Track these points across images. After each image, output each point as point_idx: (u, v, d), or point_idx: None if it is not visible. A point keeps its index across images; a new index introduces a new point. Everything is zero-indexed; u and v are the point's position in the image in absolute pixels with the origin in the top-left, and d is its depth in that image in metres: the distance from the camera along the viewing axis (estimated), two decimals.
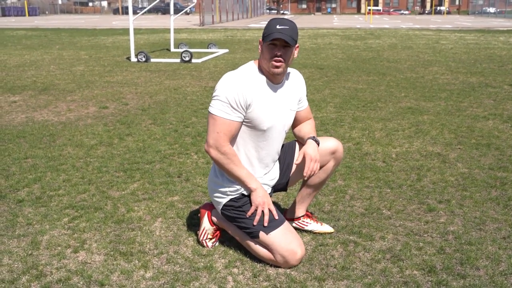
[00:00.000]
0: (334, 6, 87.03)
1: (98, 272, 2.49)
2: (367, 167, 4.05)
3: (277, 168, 2.78)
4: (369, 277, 2.44)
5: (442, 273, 2.47)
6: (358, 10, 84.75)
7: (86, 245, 2.76)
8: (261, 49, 2.49)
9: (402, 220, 3.07)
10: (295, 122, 2.77)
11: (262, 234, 2.50)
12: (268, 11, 73.79)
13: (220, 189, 2.60)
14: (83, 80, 8.61)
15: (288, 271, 2.49)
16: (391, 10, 74.26)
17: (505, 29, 25.14)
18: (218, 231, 2.76)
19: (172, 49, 14.00)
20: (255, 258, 2.58)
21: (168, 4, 55.01)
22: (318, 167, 2.57)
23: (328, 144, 2.72)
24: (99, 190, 3.55)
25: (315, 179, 2.78)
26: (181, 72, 9.72)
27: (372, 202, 3.34)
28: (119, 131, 5.18)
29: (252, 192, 2.54)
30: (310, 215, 2.93)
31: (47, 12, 66.59)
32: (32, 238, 2.84)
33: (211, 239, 2.74)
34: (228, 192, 2.58)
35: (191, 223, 3.02)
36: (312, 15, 72.04)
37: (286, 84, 2.61)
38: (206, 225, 2.74)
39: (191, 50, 11.76)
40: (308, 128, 2.75)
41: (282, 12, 76.40)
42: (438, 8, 71.85)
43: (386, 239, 2.82)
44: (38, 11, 58.65)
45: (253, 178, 2.54)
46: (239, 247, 2.68)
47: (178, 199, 3.40)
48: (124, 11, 66.60)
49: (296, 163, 2.64)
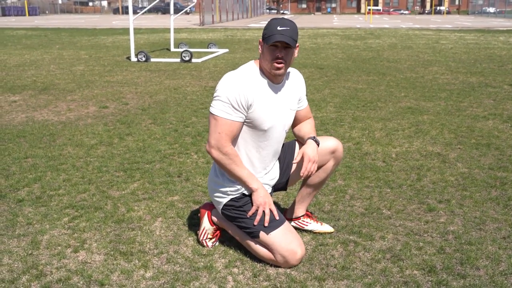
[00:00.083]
0: (334, 6, 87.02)
1: (98, 271, 2.49)
2: (367, 167, 4.05)
3: (277, 168, 2.78)
4: (369, 277, 2.44)
5: (442, 273, 2.47)
6: (358, 10, 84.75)
7: (86, 244, 2.76)
8: (261, 49, 2.49)
9: (402, 220, 3.07)
10: (295, 121, 2.78)
11: (262, 234, 2.50)
12: (268, 11, 73.78)
13: (220, 188, 2.60)
14: (83, 80, 8.61)
15: (288, 271, 2.49)
16: (391, 10, 74.26)
17: (505, 29, 25.14)
18: (218, 231, 2.76)
19: (172, 48, 13.99)
20: (255, 258, 2.58)
21: (168, 4, 55.00)
22: (315, 168, 2.58)
23: (328, 143, 2.72)
24: (99, 190, 3.55)
25: (315, 178, 2.78)
26: (181, 71, 9.72)
27: (372, 202, 3.34)
28: (119, 130, 5.18)
29: (253, 192, 2.54)
30: (310, 214, 2.93)
31: (47, 12, 66.57)
32: (32, 237, 2.84)
33: (211, 238, 2.74)
34: (228, 192, 2.58)
35: (191, 223, 3.02)
36: (312, 15, 72.04)
37: (286, 83, 2.61)
38: (206, 224, 2.74)
39: (191, 50, 11.76)
40: (307, 128, 2.75)
41: (282, 12, 76.38)
42: (438, 8, 71.85)
43: (386, 239, 2.82)
44: (38, 11, 58.62)
45: (254, 178, 2.54)
46: (239, 247, 2.68)
47: (178, 199, 3.40)
48: (124, 11, 66.59)
49: (294, 162, 2.65)
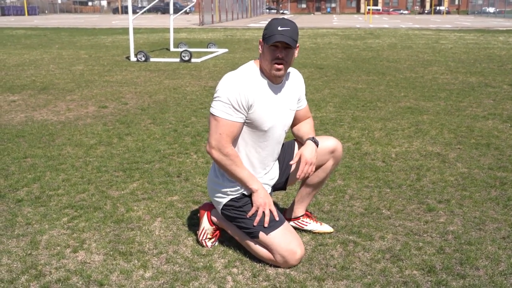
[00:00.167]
0: (333, 5, 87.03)
1: (98, 272, 2.48)
2: (366, 167, 4.04)
3: (276, 168, 2.78)
4: (368, 277, 2.44)
5: (441, 273, 2.47)
6: (358, 10, 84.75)
7: (86, 245, 2.76)
8: (261, 49, 2.48)
9: (402, 220, 3.07)
10: (294, 121, 2.77)
11: (262, 234, 2.50)
12: (267, 10, 73.77)
13: (220, 189, 2.60)
14: (83, 80, 8.61)
15: (287, 271, 2.49)
16: (391, 10, 74.28)
17: (504, 29, 25.14)
18: (218, 231, 2.76)
19: (172, 48, 13.99)
20: (255, 258, 2.58)
21: (167, 4, 54.99)
22: (312, 170, 2.58)
23: (327, 143, 2.72)
24: (98, 190, 3.55)
25: (314, 178, 2.78)
26: (180, 71, 9.71)
27: (372, 202, 3.34)
28: (119, 130, 5.17)
29: (253, 193, 2.54)
30: (309, 214, 2.93)
31: (46, 12, 66.52)
32: (31, 238, 2.83)
33: (210, 239, 2.74)
34: (228, 192, 2.58)
35: (191, 223, 3.02)
36: (312, 14, 72.05)
37: (286, 84, 2.61)
38: (205, 225, 2.74)
39: (190, 50, 11.75)
40: (307, 128, 2.74)
41: (281, 11, 76.39)
42: (438, 8, 71.88)
43: (386, 239, 2.82)
44: (37, 11, 58.58)
45: (254, 179, 2.54)
46: (239, 247, 2.68)
47: (178, 199, 3.40)
48: (124, 11, 66.57)
49: (291, 163, 2.65)
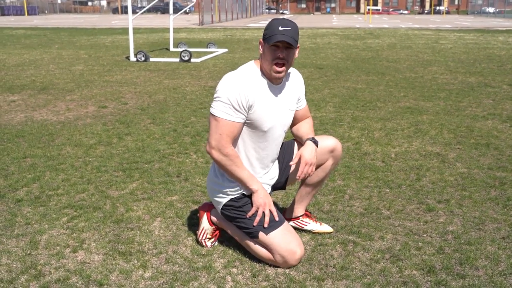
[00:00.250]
0: (333, 5, 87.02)
1: (97, 271, 2.48)
2: (366, 167, 4.05)
3: (276, 167, 2.78)
4: (368, 277, 2.44)
5: (441, 273, 2.47)
6: (358, 10, 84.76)
7: (85, 244, 2.76)
8: (262, 50, 2.48)
9: (401, 220, 3.07)
10: (294, 120, 2.77)
11: (261, 234, 2.50)
12: (267, 10, 73.77)
13: (220, 189, 2.60)
14: (82, 80, 8.60)
15: (287, 271, 2.49)
16: (391, 10, 74.27)
17: (504, 29, 25.15)
18: (217, 231, 2.76)
19: (172, 48, 13.99)
20: (254, 258, 2.58)
21: (167, 4, 54.98)
22: (312, 170, 2.59)
23: (327, 142, 2.72)
24: (98, 190, 3.55)
25: (314, 178, 2.78)
26: (180, 71, 9.71)
27: (371, 202, 3.34)
28: (118, 130, 5.17)
29: (253, 193, 2.54)
30: (309, 214, 2.93)
31: (46, 12, 66.51)
32: (30, 237, 2.83)
33: (210, 238, 2.74)
34: (228, 192, 2.58)
35: (190, 223, 3.02)
36: (312, 14, 72.05)
37: (286, 84, 2.60)
38: (205, 224, 2.74)
39: (190, 50, 11.75)
40: (306, 128, 2.74)
41: (281, 11, 76.40)
42: (437, 8, 71.90)
43: (385, 239, 2.82)
44: (37, 10, 58.58)
45: (254, 179, 2.54)
46: (238, 247, 2.68)
47: (177, 199, 3.40)
48: (124, 11, 66.57)
49: (291, 163, 2.65)
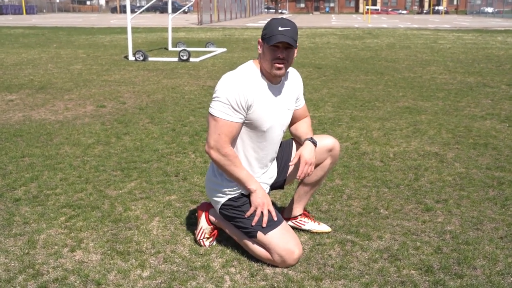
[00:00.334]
0: (332, 5, 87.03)
1: (95, 271, 2.48)
2: (364, 166, 4.05)
3: (275, 167, 2.78)
4: (366, 276, 2.44)
5: (439, 272, 2.47)
6: (356, 10, 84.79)
7: (83, 244, 2.75)
8: (261, 50, 2.47)
9: (400, 219, 3.07)
10: (292, 120, 2.77)
11: (260, 234, 2.50)
12: (266, 10, 73.77)
13: (218, 188, 2.59)
14: (81, 79, 8.59)
15: (285, 270, 2.49)
16: (389, 10, 74.33)
17: (502, 29, 25.17)
18: (216, 230, 2.76)
19: (170, 48, 13.98)
20: (253, 257, 2.58)
21: (166, 3, 54.92)
22: (312, 170, 2.59)
23: (325, 141, 2.73)
24: (96, 189, 3.55)
25: (312, 177, 2.78)
26: (179, 71, 9.71)
27: (370, 202, 3.34)
28: (117, 130, 5.17)
29: (251, 193, 2.53)
30: (307, 214, 2.93)
31: (44, 11, 66.38)
32: (28, 237, 2.83)
33: (208, 238, 2.73)
34: (227, 192, 2.58)
35: (189, 222, 3.01)
36: (310, 14, 72.05)
37: (285, 83, 2.60)
38: (203, 224, 2.74)
39: (189, 49, 11.74)
40: (304, 127, 2.74)
41: (280, 11, 76.39)
42: (436, 7, 71.95)
43: (384, 239, 2.82)
44: (35, 10, 58.45)
45: (252, 179, 2.54)
46: (236, 247, 2.68)
47: (176, 198, 3.40)
48: (122, 10, 66.51)
49: (290, 164, 2.65)
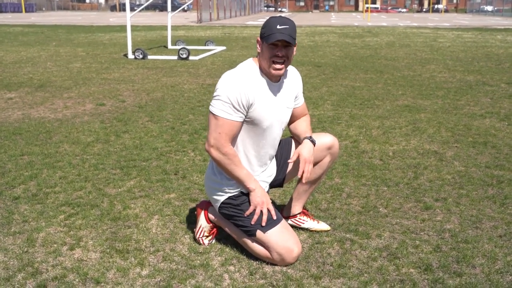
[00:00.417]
0: (332, 3, 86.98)
1: (94, 269, 2.48)
2: (364, 165, 4.05)
3: (274, 165, 2.78)
4: (365, 275, 2.44)
5: (438, 271, 2.48)
6: (356, 8, 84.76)
7: (82, 242, 2.75)
8: (260, 48, 2.47)
9: (399, 218, 3.07)
10: (291, 118, 2.77)
11: (259, 232, 2.50)
12: (265, 8, 73.71)
13: (218, 187, 2.59)
14: (80, 77, 8.59)
15: (284, 269, 2.49)
16: (389, 8, 74.30)
17: (502, 27, 25.17)
18: (215, 229, 2.76)
19: (170, 46, 13.97)
20: (252, 256, 2.58)
21: (165, 1, 54.84)
22: (311, 168, 2.59)
23: (324, 139, 2.73)
24: (95, 188, 3.55)
25: (311, 175, 2.78)
26: (178, 69, 9.70)
27: (369, 200, 3.34)
28: (116, 128, 5.17)
29: (251, 192, 2.53)
30: (306, 212, 2.93)
31: (44, 9, 66.30)
32: (28, 235, 2.83)
33: (207, 236, 2.73)
34: (226, 190, 2.58)
35: (188, 221, 3.01)
36: (310, 12, 71.98)
37: (284, 82, 2.60)
38: (202, 222, 2.74)
39: (188, 47, 11.73)
40: (303, 126, 2.74)
41: (279, 9, 76.35)
42: (436, 6, 71.91)
43: (383, 237, 2.82)
44: (35, 8, 58.36)
45: (252, 178, 2.54)
46: (236, 245, 2.68)
47: (175, 197, 3.39)
48: (121, 8, 66.41)
49: (289, 161, 2.65)
